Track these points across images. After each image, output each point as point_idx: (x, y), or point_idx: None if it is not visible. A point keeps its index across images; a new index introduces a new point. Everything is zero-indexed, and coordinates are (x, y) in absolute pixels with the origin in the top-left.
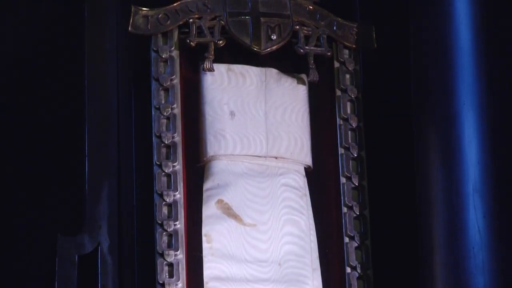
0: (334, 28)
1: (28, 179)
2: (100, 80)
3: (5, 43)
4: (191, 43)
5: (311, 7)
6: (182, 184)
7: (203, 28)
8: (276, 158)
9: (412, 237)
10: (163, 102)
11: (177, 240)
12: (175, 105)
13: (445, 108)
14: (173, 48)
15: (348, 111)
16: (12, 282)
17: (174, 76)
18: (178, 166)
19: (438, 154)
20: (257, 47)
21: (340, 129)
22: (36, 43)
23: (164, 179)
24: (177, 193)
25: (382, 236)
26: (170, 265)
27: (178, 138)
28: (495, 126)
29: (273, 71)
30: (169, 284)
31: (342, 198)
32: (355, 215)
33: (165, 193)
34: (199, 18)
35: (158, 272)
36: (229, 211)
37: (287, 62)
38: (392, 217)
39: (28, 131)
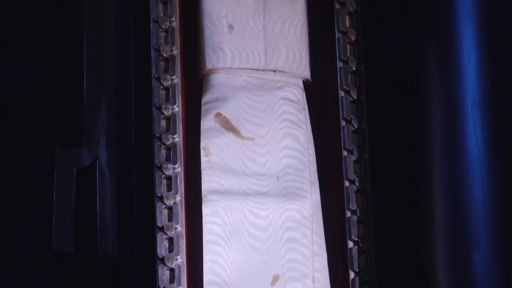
0: None
1: (25, 92)
2: None
3: None
4: None
5: None
6: (180, 97)
7: None
8: (274, 71)
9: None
10: (161, 15)
11: (175, 153)
12: (173, 18)
13: (444, 20)
14: None
15: (347, 24)
16: (10, 195)
17: None
18: (177, 79)
19: (436, 67)
20: None
21: (338, 42)
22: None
23: (163, 92)
24: (175, 106)
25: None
26: (169, 178)
27: (176, 51)
28: (494, 38)
29: None
30: (167, 197)
31: (340, 111)
32: (353, 128)
33: (163, 106)
34: None
35: (157, 185)
36: (227, 125)
37: None
38: (391, 131)
39: (25, 45)
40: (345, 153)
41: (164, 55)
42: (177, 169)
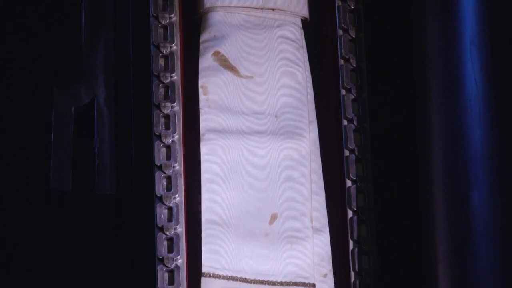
0: None
1: (23, 31)
2: None
3: None
4: None
5: None
6: (178, 36)
7: None
8: (273, 9)
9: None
10: None
11: (173, 92)
12: None
13: None
14: None
15: None
16: (8, 135)
17: None
18: (175, 17)
19: (434, 4)
20: None
21: None
22: None
23: (161, 30)
24: (173, 45)
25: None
26: (167, 117)
27: None
28: None
29: None
30: (165, 136)
31: (339, 50)
32: (351, 67)
33: (161, 45)
34: None
35: (155, 124)
36: (225, 63)
37: None
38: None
39: None
40: (343, 91)
41: None
42: (175, 108)
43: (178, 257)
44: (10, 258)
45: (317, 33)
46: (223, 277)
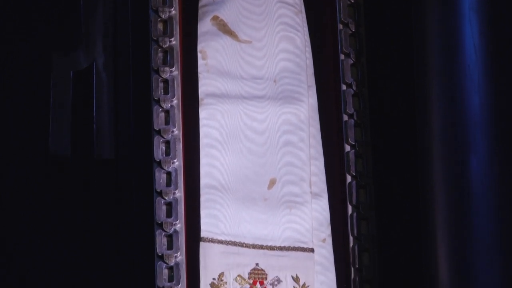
0: None
1: None
2: None
3: None
4: None
5: None
6: (177, 0)
7: None
8: None
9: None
10: None
11: (172, 56)
12: None
13: None
14: None
15: None
16: (7, 99)
17: None
18: None
19: None
20: None
21: None
22: None
23: None
24: (172, 9)
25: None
26: (166, 81)
27: None
28: None
29: None
30: (164, 101)
31: (338, 14)
32: (350, 32)
33: (160, 9)
34: None
35: (154, 88)
36: (224, 28)
37: None
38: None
39: None
40: (342, 56)
41: None
42: (174, 72)
43: (177, 222)
44: (9, 221)
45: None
46: (222, 242)
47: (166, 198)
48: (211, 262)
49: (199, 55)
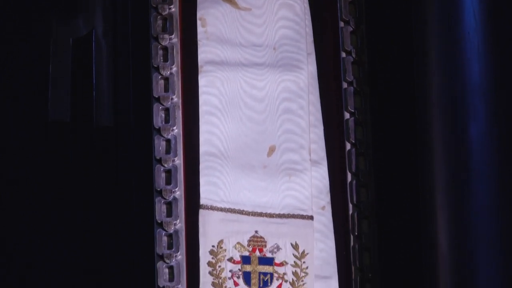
0: None
1: None
2: None
3: None
4: None
5: None
6: None
7: None
8: None
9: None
10: None
11: (171, 23)
12: None
13: None
14: None
15: None
16: (6, 65)
17: None
18: None
19: None
20: None
21: None
22: None
23: None
24: None
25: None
26: (165, 49)
27: None
28: None
29: None
30: (163, 68)
31: None
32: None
33: None
34: None
35: (153, 56)
36: None
37: None
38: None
39: None
40: (342, 23)
41: None
42: (173, 40)
43: (176, 189)
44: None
45: None
46: (221, 209)
47: (166, 165)
48: (211, 229)
49: (198, 22)
